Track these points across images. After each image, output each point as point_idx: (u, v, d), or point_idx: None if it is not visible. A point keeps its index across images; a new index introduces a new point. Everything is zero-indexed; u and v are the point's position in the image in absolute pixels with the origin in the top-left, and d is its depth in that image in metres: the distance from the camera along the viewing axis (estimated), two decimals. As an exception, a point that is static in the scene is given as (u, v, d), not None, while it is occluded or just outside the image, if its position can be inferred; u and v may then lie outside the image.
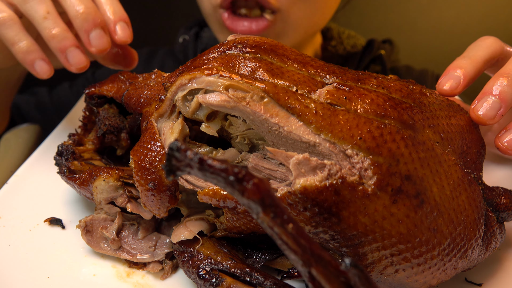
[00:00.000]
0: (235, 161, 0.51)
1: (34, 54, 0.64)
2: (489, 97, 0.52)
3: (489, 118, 0.52)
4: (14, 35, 0.63)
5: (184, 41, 1.21)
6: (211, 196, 0.48)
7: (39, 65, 0.64)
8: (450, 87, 0.55)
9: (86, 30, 0.63)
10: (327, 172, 0.42)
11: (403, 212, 0.43)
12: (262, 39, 0.53)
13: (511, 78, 0.52)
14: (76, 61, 0.64)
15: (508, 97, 0.52)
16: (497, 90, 0.52)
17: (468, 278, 0.55)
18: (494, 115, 0.52)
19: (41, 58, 0.64)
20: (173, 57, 1.23)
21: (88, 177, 0.57)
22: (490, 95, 0.52)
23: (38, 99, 1.15)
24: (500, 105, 0.52)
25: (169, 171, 0.34)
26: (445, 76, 0.56)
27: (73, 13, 0.63)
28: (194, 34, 1.20)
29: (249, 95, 0.46)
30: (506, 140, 0.52)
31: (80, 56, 0.64)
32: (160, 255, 0.56)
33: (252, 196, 0.31)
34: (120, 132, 0.66)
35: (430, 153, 0.46)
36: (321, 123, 0.44)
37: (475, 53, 0.57)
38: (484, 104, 0.52)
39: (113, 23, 0.67)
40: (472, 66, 0.56)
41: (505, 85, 0.52)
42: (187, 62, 0.55)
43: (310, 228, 0.45)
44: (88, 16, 0.63)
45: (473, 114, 0.53)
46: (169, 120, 0.52)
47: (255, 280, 0.48)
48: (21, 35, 0.63)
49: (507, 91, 0.52)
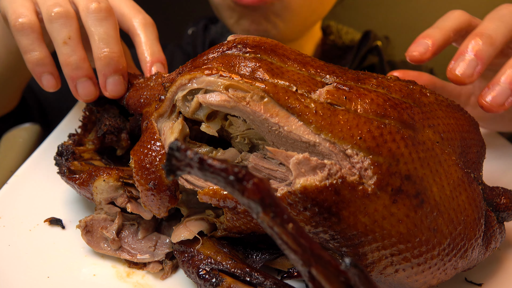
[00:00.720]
0: (235, 161, 0.51)
1: (43, 68, 0.63)
2: (465, 56, 0.53)
3: (467, 76, 0.52)
4: (29, 44, 0.61)
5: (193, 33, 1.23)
6: (211, 196, 0.48)
7: (46, 79, 0.64)
8: (419, 52, 0.56)
9: (104, 74, 0.62)
10: (327, 172, 0.42)
11: (403, 212, 0.43)
12: (262, 39, 0.53)
13: (485, 37, 0.53)
14: (85, 93, 0.63)
15: (484, 54, 0.52)
16: (473, 49, 0.52)
17: (468, 278, 0.55)
18: (472, 73, 0.52)
19: (50, 72, 0.63)
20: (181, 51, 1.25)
21: (88, 177, 0.57)
22: (466, 54, 0.53)
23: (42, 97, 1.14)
24: (476, 62, 0.52)
25: (169, 171, 0.34)
26: (414, 44, 0.57)
27: (96, 53, 0.61)
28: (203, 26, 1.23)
29: (249, 95, 0.46)
30: (489, 97, 0.52)
31: (90, 88, 0.63)
32: (160, 255, 0.56)
33: (252, 196, 0.31)
34: (121, 132, 0.66)
35: (430, 153, 0.46)
36: (321, 123, 0.44)
37: (444, 23, 0.58)
38: (461, 63, 0.53)
39: (150, 64, 0.66)
40: (440, 35, 0.57)
41: (480, 43, 0.52)
42: (187, 62, 0.55)
43: (310, 228, 0.45)
44: (111, 61, 0.61)
45: (450, 74, 0.53)
46: (169, 120, 0.52)
47: (255, 280, 0.48)
48: (35, 45, 0.62)
49: (483, 49, 0.52)
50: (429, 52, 0.56)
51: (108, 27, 0.61)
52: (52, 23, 0.60)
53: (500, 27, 0.54)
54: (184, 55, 1.23)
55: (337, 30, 1.22)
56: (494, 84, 0.52)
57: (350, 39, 1.21)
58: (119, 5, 0.68)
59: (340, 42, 1.20)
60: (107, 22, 0.62)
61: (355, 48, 1.17)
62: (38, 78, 0.64)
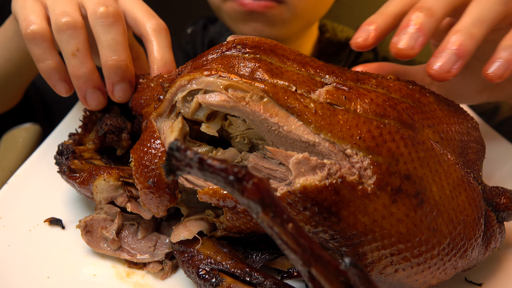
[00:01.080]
0: (235, 160, 0.51)
1: (57, 75, 0.63)
2: (407, 29, 0.53)
3: (409, 48, 0.52)
4: (41, 53, 0.61)
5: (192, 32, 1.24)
6: (211, 195, 0.48)
7: (60, 86, 0.64)
8: (363, 38, 0.57)
9: (112, 82, 0.62)
10: (326, 171, 0.43)
11: (403, 211, 0.43)
12: (261, 40, 0.53)
13: (425, 9, 0.53)
14: (95, 103, 0.63)
15: (425, 26, 0.53)
16: (414, 22, 0.53)
17: (468, 278, 0.55)
18: (414, 45, 0.52)
19: (63, 79, 0.64)
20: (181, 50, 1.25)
21: (88, 176, 0.57)
22: (407, 27, 0.53)
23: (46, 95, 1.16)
24: (418, 34, 0.53)
25: (169, 171, 0.34)
26: (359, 31, 0.58)
27: (104, 60, 0.61)
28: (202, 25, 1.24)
29: (249, 95, 0.46)
30: (436, 65, 0.52)
31: (99, 98, 0.63)
32: (160, 255, 0.56)
33: (251, 196, 0.31)
34: (122, 132, 0.66)
35: (430, 152, 0.46)
36: (320, 122, 0.44)
37: (386, 9, 0.59)
38: (402, 37, 0.53)
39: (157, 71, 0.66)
40: (382, 20, 0.58)
41: (421, 16, 0.53)
42: (187, 63, 0.55)
43: (310, 228, 0.45)
44: (118, 70, 0.61)
45: (393, 48, 0.53)
46: (168, 119, 0.52)
47: (255, 280, 0.49)
48: (47, 53, 0.62)
49: (424, 21, 0.53)
50: (371, 37, 0.57)
51: (116, 33, 0.61)
52: (61, 34, 0.60)
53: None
54: (183, 54, 1.24)
55: (333, 28, 1.23)
56: (440, 51, 0.53)
57: (345, 36, 1.22)
58: (132, 9, 0.67)
59: (335, 39, 1.21)
60: (115, 28, 0.61)
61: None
62: (53, 85, 0.64)
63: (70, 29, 0.60)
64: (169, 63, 0.66)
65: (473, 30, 0.52)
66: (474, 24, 0.52)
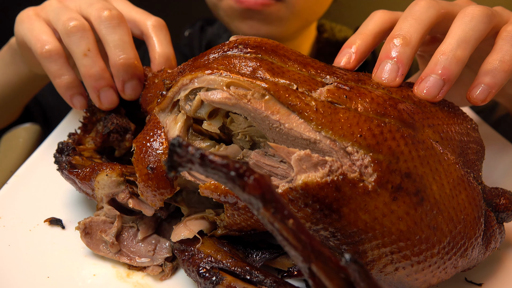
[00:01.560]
0: (237, 157, 0.51)
1: (74, 90, 0.65)
2: (385, 61, 0.53)
3: (391, 80, 0.53)
4: (58, 69, 0.63)
5: (190, 35, 1.25)
6: (212, 190, 0.48)
7: (77, 100, 0.67)
8: (345, 62, 0.57)
9: (123, 80, 0.63)
10: (328, 168, 0.43)
11: (403, 209, 0.43)
12: (263, 40, 0.54)
13: (401, 38, 0.53)
14: (108, 102, 0.65)
15: (402, 57, 0.53)
16: (390, 53, 0.53)
17: (468, 278, 0.55)
18: (395, 76, 0.53)
19: (80, 93, 0.66)
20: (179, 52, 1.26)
21: (90, 171, 0.57)
22: (385, 59, 0.53)
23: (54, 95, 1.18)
24: (397, 66, 0.53)
25: (171, 167, 0.34)
26: (340, 54, 0.58)
27: (113, 59, 0.62)
28: (199, 28, 1.25)
29: (250, 92, 0.46)
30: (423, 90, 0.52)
31: (113, 96, 0.65)
32: (159, 259, 0.56)
33: (253, 191, 0.31)
34: (126, 132, 0.66)
35: (430, 151, 0.46)
36: (321, 120, 0.44)
37: (365, 28, 0.59)
38: (384, 67, 0.53)
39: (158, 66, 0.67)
40: (362, 41, 0.58)
41: (397, 46, 0.53)
42: (189, 61, 0.56)
43: (311, 225, 0.45)
44: (128, 68, 0.63)
45: (376, 80, 0.54)
46: (171, 113, 0.53)
47: (255, 278, 0.48)
48: (64, 69, 0.64)
49: (400, 52, 0.53)
50: (354, 60, 0.57)
51: (122, 33, 0.63)
52: (70, 37, 0.62)
53: (413, 25, 0.54)
54: (181, 56, 1.25)
55: (331, 28, 1.24)
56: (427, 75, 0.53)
57: (343, 36, 1.22)
58: (129, 12, 0.70)
59: (333, 39, 1.21)
60: (121, 28, 0.63)
61: None
62: (69, 100, 0.66)
63: (79, 31, 0.62)
64: (171, 57, 0.68)
65: (458, 53, 0.52)
66: (459, 46, 0.52)
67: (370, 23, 0.59)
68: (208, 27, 1.26)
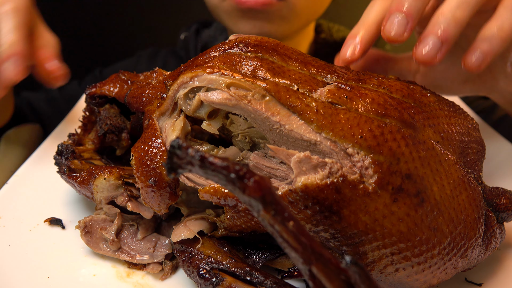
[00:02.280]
0: (236, 159, 0.51)
1: None
2: (394, 15, 0.53)
3: (399, 35, 0.53)
4: None
5: (185, 38, 1.26)
6: (212, 194, 0.48)
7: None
8: (350, 53, 0.57)
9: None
10: (328, 170, 0.43)
11: (404, 210, 0.43)
12: (263, 39, 0.53)
13: None
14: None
15: (412, 10, 0.52)
16: (399, 7, 0.53)
17: (468, 278, 0.55)
18: (403, 31, 0.53)
19: None
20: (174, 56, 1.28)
21: (88, 175, 0.57)
22: (397, 11, 0.53)
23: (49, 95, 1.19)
24: (406, 20, 0.52)
25: (170, 169, 0.34)
26: (345, 46, 0.58)
27: None
28: (195, 31, 1.25)
29: (251, 93, 0.46)
30: (422, 51, 0.52)
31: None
32: (160, 256, 0.56)
33: (253, 194, 0.31)
34: (121, 132, 0.66)
35: (431, 152, 0.46)
36: (322, 121, 0.44)
37: (367, 18, 0.59)
38: (394, 21, 0.53)
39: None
40: (366, 31, 0.58)
41: (410, 1, 0.52)
42: (189, 61, 0.55)
43: (311, 227, 0.45)
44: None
45: (384, 35, 0.53)
46: (171, 118, 0.52)
47: (256, 279, 0.48)
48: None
49: (413, 5, 0.52)
50: (359, 50, 0.57)
51: None
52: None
53: None
54: (177, 59, 1.26)
55: (328, 28, 1.24)
56: (425, 36, 0.53)
57: (341, 36, 1.22)
58: None
59: (331, 40, 1.21)
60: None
61: None
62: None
63: None
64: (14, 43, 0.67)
65: (457, 13, 0.51)
66: (459, 6, 0.52)
67: (372, 12, 0.59)
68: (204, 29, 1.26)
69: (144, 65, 1.27)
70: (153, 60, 1.29)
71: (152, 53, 1.31)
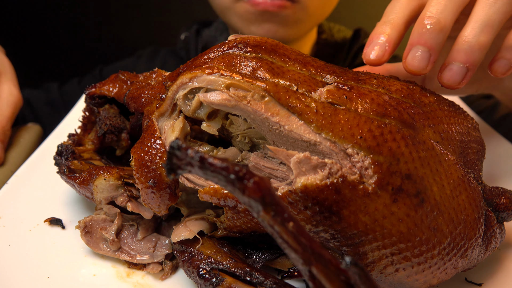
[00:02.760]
0: (236, 160, 0.51)
1: None
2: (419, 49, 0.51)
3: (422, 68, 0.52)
4: None
5: (185, 38, 1.25)
6: (211, 194, 0.48)
7: None
8: (377, 55, 0.53)
9: None
10: (327, 171, 0.43)
11: (404, 211, 0.43)
12: (263, 39, 0.53)
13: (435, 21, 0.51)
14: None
15: (433, 43, 0.51)
16: (421, 40, 0.51)
17: (468, 278, 0.55)
18: (426, 65, 0.52)
19: None
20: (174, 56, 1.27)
21: (88, 176, 0.57)
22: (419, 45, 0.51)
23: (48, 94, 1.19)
24: (429, 53, 0.51)
25: (170, 170, 0.34)
26: (370, 45, 0.54)
27: None
28: (195, 31, 1.25)
29: (250, 94, 0.46)
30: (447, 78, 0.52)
31: None
32: (160, 256, 0.56)
33: (252, 194, 0.31)
34: (121, 132, 0.66)
35: (430, 152, 0.46)
36: (321, 122, 0.44)
37: (395, 16, 0.55)
38: (415, 54, 0.52)
39: None
40: (394, 30, 0.54)
41: (431, 30, 0.50)
42: (188, 61, 0.55)
43: (311, 227, 0.45)
44: None
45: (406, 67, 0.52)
46: (170, 119, 0.52)
47: (256, 280, 0.48)
48: None
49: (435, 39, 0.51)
50: (387, 53, 0.54)
51: None
52: None
53: (447, 6, 0.51)
54: (178, 60, 1.25)
55: (329, 29, 1.23)
56: (450, 61, 0.52)
57: (342, 37, 1.22)
58: None
59: (332, 40, 1.21)
60: None
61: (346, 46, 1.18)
62: None
63: None
64: None
65: (482, 39, 0.50)
66: (482, 31, 0.50)
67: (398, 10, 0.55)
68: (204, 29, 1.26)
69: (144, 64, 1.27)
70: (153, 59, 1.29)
71: (152, 53, 1.31)
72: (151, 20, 1.97)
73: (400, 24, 0.55)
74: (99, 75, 1.26)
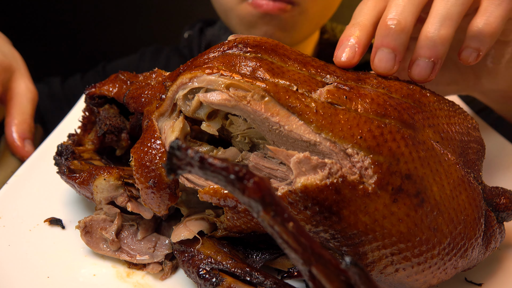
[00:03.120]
0: (236, 160, 0.51)
1: None
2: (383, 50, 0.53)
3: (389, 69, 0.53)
4: None
5: (189, 37, 1.26)
6: (211, 194, 0.48)
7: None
8: (348, 57, 0.54)
9: None
10: (327, 171, 0.43)
11: (404, 211, 0.43)
12: (263, 39, 0.53)
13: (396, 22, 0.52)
14: None
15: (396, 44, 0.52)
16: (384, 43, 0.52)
17: (468, 278, 0.55)
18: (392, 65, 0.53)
19: None
20: (178, 54, 1.28)
21: (88, 176, 0.57)
22: (383, 47, 0.53)
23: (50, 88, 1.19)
24: (394, 54, 0.52)
25: (170, 170, 0.34)
26: (340, 47, 0.55)
27: None
28: (199, 30, 1.25)
29: (250, 94, 0.46)
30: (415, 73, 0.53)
31: None
32: (160, 256, 0.56)
33: (252, 195, 0.31)
34: (121, 132, 0.66)
35: (430, 152, 0.46)
36: (321, 122, 0.44)
37: (363, 18, 0.56)
38: (381, 57, 0.53)
39: None
40: (363, 32, 0.55)
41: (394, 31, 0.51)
42: (188, 62, 0.55)
43: (311, 227, 0.45)
44: None
45: (375, 70, 0.53)
46: (170, 119, 0.52)
47: (255, 280, 0.48)
48: None
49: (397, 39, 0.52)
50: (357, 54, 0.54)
51: None
52: None
53: (407, 6, 0.52)
54: (180, 58, 1.25)
55: (332, 29, 1.24)
56: (416, 57, 0.53)
57: None
58: None
59: (334, 40, 1.21)
60: None
61: None
62: None
63: None
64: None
65: (442, 32, 0.51)
66: (442, 24, 0.51)
67: (365, 10, 0.57)
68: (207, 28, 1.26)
69: (147, 62, 1.27)
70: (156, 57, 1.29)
71: (156, 50, 1.31)
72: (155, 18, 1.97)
73: (368, 26, 0.56)
74: (102, 71, 1.26)
